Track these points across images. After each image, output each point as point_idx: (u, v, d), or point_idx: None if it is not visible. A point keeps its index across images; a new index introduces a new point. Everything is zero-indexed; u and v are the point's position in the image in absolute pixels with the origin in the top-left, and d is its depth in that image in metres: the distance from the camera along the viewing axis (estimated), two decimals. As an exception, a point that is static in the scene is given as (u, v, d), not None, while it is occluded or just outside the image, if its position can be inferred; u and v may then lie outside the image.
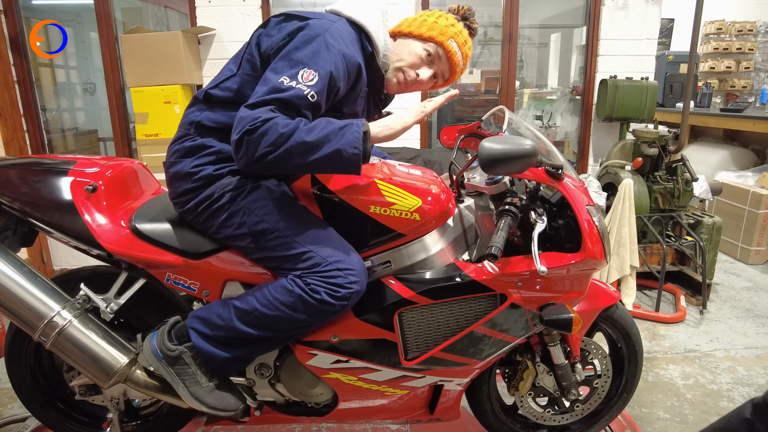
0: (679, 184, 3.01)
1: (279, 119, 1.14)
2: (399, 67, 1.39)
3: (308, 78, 1.17)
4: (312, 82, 1.17)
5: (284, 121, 1.14)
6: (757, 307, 2.95)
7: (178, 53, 2.90)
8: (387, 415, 1.55)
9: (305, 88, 1.16)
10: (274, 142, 1.13)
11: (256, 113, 1.14)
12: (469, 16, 1.43)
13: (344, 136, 1.15)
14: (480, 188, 1.47)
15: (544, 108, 4.07)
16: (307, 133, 1.14)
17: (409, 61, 1.38)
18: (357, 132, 1.15)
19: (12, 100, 3.18)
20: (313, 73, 1.17)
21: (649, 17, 3.37)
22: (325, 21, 1.27)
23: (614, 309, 1.56)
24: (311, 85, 1.17)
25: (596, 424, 1.69)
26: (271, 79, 1.18)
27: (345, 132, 1.15)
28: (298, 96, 1.16)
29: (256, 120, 1.13)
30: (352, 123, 1.17)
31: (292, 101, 1.16)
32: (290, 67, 1.18)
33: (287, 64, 1.19)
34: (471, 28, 1.43)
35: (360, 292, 1.25)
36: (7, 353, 1.52)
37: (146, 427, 1.62)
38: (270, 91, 1.16)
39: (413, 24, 1.40)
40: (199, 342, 1.28)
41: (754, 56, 6.62)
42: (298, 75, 1.17)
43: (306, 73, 1.17)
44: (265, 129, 1.12)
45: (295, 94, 1.16)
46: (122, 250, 1.33)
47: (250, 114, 1.14)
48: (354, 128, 1.16)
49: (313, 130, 1.15)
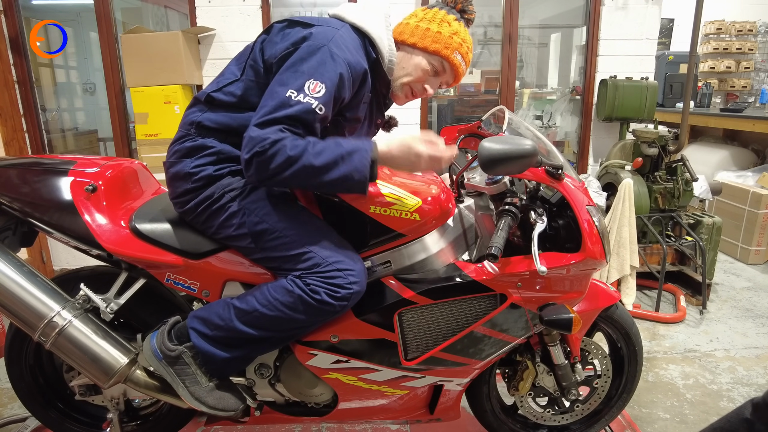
0: (679, 184, 3.01)
1: (287, 141, 1.14)
2: (407, 83, 1.38)
3: (315, 90, 1.17)
4: (319, 94, 1.17)
5: (293, 143, 1.14)
6: (757, 307, 2.95)
7: (178, 53, 2.90)
8: (387, 415, 1.55)
9: (313, 101, 1.16)
10: (282, 164, 1.14)
11: (266, 134, 1.14)
12: (465, 7, 1.40)
13: (352, 162, 1.16)
14: (480, 188, 1.47)
15: (544, 108, 4.07)
16: (316, 156, 1.15)
17: (416, 77, 1.37)
18: (365, 159, 1.17)
19: (12, 100, 3.18)
20: (320, 85, 1.17)
21: (649, 17, 3.37)
22: (329, 29, 1.26)
23: (614, 309, 1.56)
24: (318, 97, 1.17)
25: (596, 424, 1.69)
26: (278, 93, 1.18)
27: (353, 157, 1.16)
28: (306, 110, 1.16)
29: (264, 141, 1.13)
30: (360, 148, 1.18)
31: (301, 116, 1.16)
32: (296, 79, 1.18)
33: (293, 75, 1.19)
34: (468, 20, 1.41)
35: (360, 292, 1.25)
36: (7, 353, 1.52)
37: (146, 427, 1.62)
38: (278, 107, 1.16)
39: (416, 33, 1.36)
40: (199, 342, 1.28)
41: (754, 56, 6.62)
42: (305, 87, 1.17)
43: (313, 85, 1.17)
44: (275, 151, 1.13)
45: (303, 108, 1.16)
46: (122, 250, 1.33)
47: (260, 134, 1.14)
48: (362, 154, 1.17)
49: (321, 154, 1.15)
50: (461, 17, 1.39)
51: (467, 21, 1.41)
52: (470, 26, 1.43)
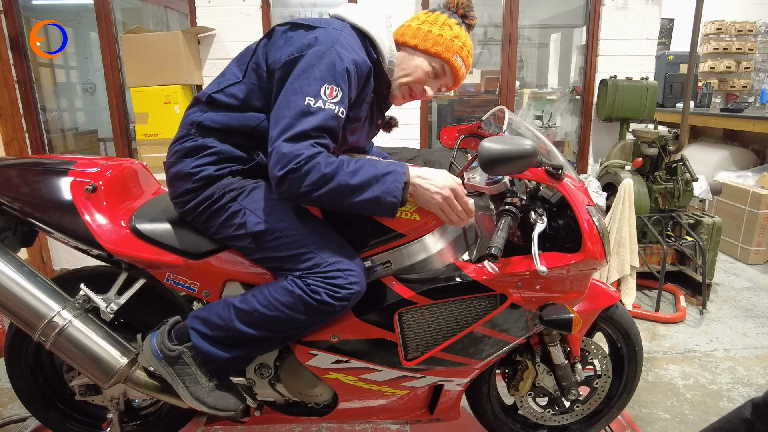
0: (679, 184, 3.01)
1: (322, 158, 1.14)
2: (406, 83, 1.38)
3: (332, 94, 1.17)
4: (337, 98, 1.18)
5: (327, 160, 1.15)
6: (757, 307, 2.95)
7: (178, 53, 2.90)
8: (387, 415, 1.55)
9: (333, 106, 1.17)
10: (317, 182, 1.14)
11: (298, 149, 1.14)
12: (467, 12, 1.41)
13: (385, 183, 1.17)
14: (480, 188, 1.47)
15: (544, 108, 4.07)
16: (351, 176, 1.15)
17: (415, 77, 1.37)
18: (398, 182, 1.17)
19: (12, 100, 3.18)
20: (335, 89, 1.18)
21: (649, 17, 3.37)
22: (332, 30, 1.25)
23: (614, 309, 1.56)
24: (337, 101, 1.17)
25: (596, 424, 1.68)
26: (295, 102, 1.17)
27: (387, 179, 1.17)
28: (330, 117, 1.16)
29: (299, 158, 1.13)
30: (394, 170, 1.18)
31: (326, 125, 1.16)
32: (311, 85, 1.17)
33: (306, 82, 1.18)
34: (469, 25, 1.42)
35: (360, 292, 1.25)
36: (7, 353, 1.52)
37: (146, 427, 1.62)
38: (299, 116, 1.15)
39: (417, 35, 1.36)
40: (199, 342, 1.28)
41: (754, 56, 6.63)
42: (321, 92, 1.16)
43: (328, 90, 1.17)
44: (309, 168, 1.13)
45: (327, 115, 1.16)
46: (122, 250, 1.33)
47: (292, 150, 1.14)
48: (396, 177, 1.18)
49: (356, 174, 1.16)
50: (462, 22, 1.40)
51: (468, 26, 1.42)
52: (471, 31, 1.44)
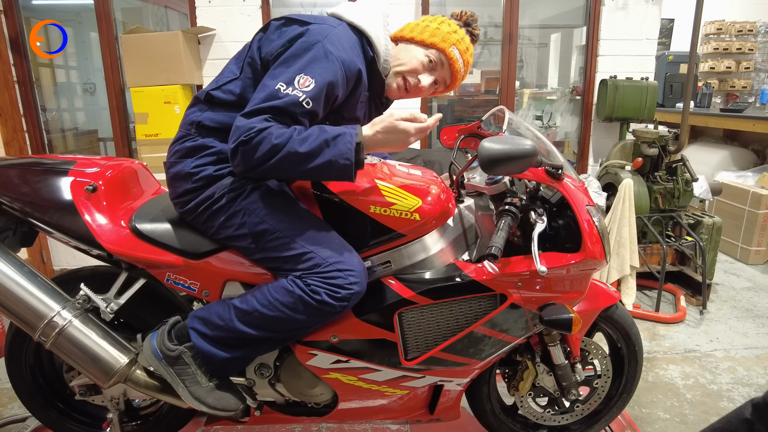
0: (679, 184, 3.01)
1: (273, 129, 1.15)
2: (400, 72, 1.38)
3: (304, 84, 1.18)
4: (308, 88, 1.18)
5: (278, 131, 1.15)
6: (757, 307, 2.95)
7: (178, 53, 2.90)
8: (387, 415, 1.55)
9: (301, 93, 1.17)
10: (267, 152, 1.15)
11: (251, 123, 1.15)
12: (471, 22, 1.43)
13: (336, 146, 1.16)
14: (480, 188, 1.47)
15: (544, 108, 4.07)
16: (300, 143, 1.15)
17: (410, 67, 1.37)
18: (350, 143, 1.16)
19: (12, 100, 3.18)
20: (309, 80, 1.18)
21: (649, 17, 3.37)
22: (325, 26, 1.26)
23: (614, 309, 1.56)
24: (307, 91, 1.17)
25: (596, 424, 1.69)
26: (268, 86, 1.19)
27: (337, 142, 1.16)
28: (293, 102, 1.16)
29: (250, 130, 1.14)
30: (344, 132, 1.18)
31: (287, 108, 1.16)
32: (287, 73, 1.19)
33: (284, 70, 1.20)
34: (473, 34, 1.43)
35: (360, 292, 1.25)
36: (7, 353, 1.52)
37: (146, 427, 1.62)
38: (266, 98, 1.17)
39: (415, 29, 1.39)
40: (199, 342, 1.28)
41: (754, 56, 6.62)
42: (294, 81, 1.17)
43: (303, 79, 1.18)
44: (260, 139, 1.14)
45: (290, 100, 1.16)
46: (122, 250, 1.33)
47: (246, 124, 1.15)
48: (346, 138, 1.17)
49: (305, 141, 1.16)
50: (465, 29, 1.42)
51: (472, 35, 1.43)
52: (474, 43, 1.44)
